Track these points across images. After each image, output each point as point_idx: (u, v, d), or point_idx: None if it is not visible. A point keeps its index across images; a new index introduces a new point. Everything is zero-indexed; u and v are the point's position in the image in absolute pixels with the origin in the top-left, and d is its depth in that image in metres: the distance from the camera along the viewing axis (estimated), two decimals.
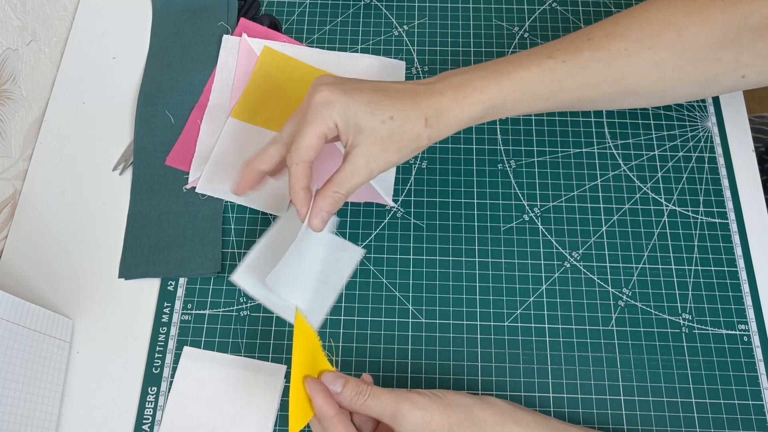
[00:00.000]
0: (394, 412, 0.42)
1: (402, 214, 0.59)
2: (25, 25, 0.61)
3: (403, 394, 0.42)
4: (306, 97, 0.47)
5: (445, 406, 0.42)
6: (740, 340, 0.54)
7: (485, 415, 0.43)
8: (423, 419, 0.42)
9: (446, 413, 0.42)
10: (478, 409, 0.43)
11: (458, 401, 0.43)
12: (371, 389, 0.43)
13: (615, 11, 0.67)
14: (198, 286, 0.56)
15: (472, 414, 0.43)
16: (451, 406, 0.43)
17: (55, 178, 0.61)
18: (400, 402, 0.42)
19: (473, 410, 0.43)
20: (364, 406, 0.42)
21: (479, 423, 0.43)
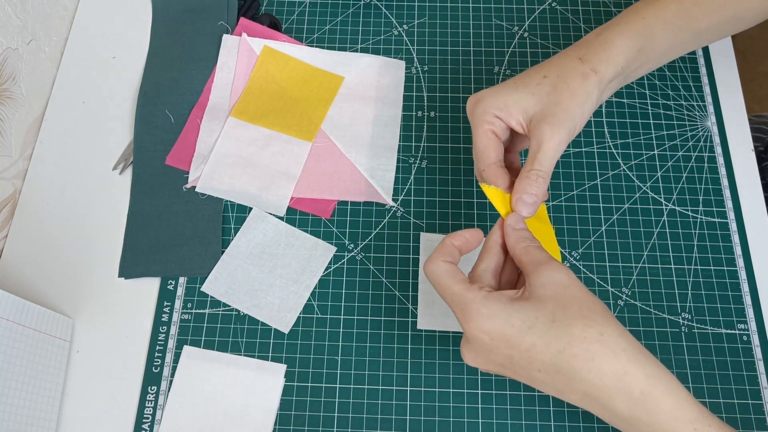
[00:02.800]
0: (540, 264, 0.41)
1: (402, 213, 0.59)
2: (25, 25, 0.61)
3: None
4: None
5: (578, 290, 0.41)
6: (740, 340, 0.54)
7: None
8: (562, 281, 0.40)
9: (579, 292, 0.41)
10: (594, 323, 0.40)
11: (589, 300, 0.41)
12: (536, 242, 0.43)
13: (615, 11, 0.67)
14: (198, 285, 0.56)
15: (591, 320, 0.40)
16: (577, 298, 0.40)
17: (55, 177, 0.61)
18: (551, 261, 0.42)
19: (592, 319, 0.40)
20: (525, 251, 0.43)
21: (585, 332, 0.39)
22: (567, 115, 0.45)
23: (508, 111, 0.47)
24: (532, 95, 0.46)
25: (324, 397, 0.52)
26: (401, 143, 0.62)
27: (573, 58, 0.47)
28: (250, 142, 0.60)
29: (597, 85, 0.46)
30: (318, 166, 0.60)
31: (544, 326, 0.39)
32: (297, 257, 0.57)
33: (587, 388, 0.39)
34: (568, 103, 0.46)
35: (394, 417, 0.52)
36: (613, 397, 0.38)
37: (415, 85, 0.64)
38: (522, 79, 0.48)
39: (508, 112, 0.47)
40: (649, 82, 0.64)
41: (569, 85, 0.46)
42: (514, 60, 0.65)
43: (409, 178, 0.60)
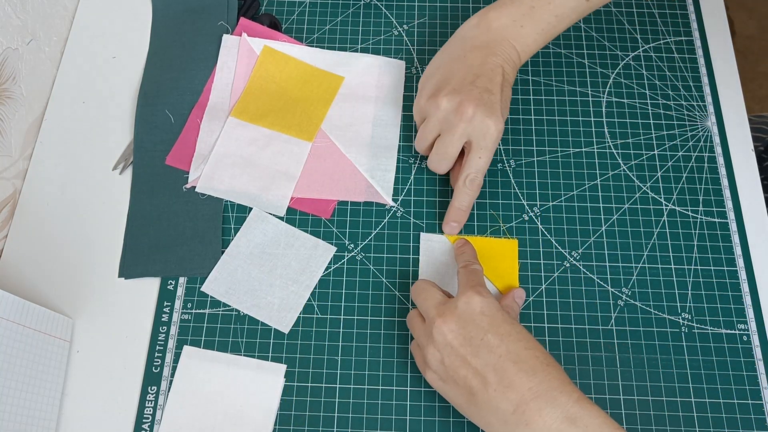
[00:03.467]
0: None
1: (402, 213, 0.59)
2: (25, 25, 0.61)
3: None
4: (469, 123, 0.52)
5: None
6: (739, 340, 0.54)
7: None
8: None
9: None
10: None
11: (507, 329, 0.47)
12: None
13: (615, 11, 0.67)
14: (198, 285, 0.56)
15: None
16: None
17: (55, 177, 0.61)
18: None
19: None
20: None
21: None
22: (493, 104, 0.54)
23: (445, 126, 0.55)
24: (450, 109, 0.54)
25: (324, 397, 0.52)
26: (401, 143, 0.62)
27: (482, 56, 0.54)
28: (250, 142, 0.60)
29: (512, 65, 0.55)
30: (318, 166, 0.60)
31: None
32: (297, 257, 0.57)
33: (534, 384, 0.43)
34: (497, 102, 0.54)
35: (394, 417, 0.52)
36: (554, 398, 0.43)
37: (415, 85, 0.64)
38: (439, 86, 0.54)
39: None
40: (649, 83, 0.64)
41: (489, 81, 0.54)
42: None
43: (409, 178, 0.60)
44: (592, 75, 0.65)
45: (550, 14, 0.54)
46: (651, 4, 0.68)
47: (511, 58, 0.54)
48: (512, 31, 0.54)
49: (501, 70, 0.53)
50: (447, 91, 0.53)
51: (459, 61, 0.54)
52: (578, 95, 0.64)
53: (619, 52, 0.66)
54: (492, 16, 0.55)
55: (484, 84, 0.52)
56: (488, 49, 0.54)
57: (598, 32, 0.67)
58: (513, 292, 0.53)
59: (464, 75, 0.53)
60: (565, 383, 0.44)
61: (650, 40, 0.66)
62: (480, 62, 0.53)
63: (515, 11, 0.54)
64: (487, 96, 0.52)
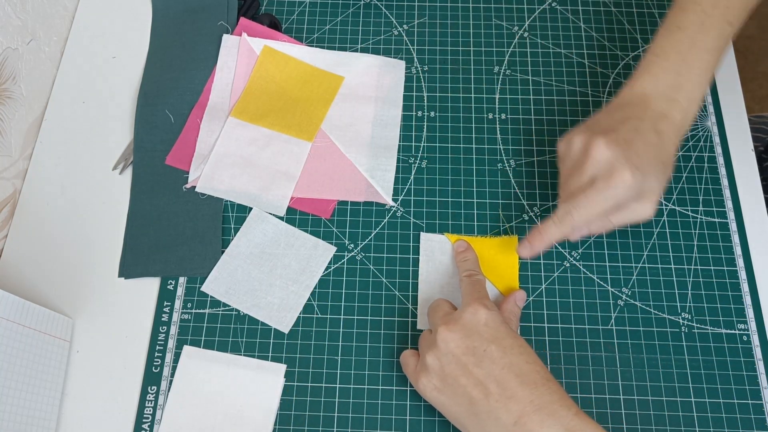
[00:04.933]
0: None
1: (402, 213, 0.59)
2: (25, 25, 0.61)
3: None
4: (593, 168, 0.48)
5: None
6: (739, 340, 0.54)
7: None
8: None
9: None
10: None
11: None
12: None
13: (615, 11, 0.67)
14: (198, 285, 0.56)
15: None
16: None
17: (55, 177, 0.61)
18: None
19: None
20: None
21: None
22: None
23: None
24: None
25: (324, 397, 0.52)
26: (401, 143, 0.62)
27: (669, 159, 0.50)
28: (250, 142, 0.60)
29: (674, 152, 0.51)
30: (318, 166, 0.60)
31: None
32: (297, 257, 0.57)
33: (536, 397, 0.44)
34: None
35: (394, 417, 0.52)
36: (555, 411, 0.43)
37: (415, 85, 0.64)
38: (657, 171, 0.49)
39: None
40: None
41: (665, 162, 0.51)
42: (514, 60, 0.65)
43: (409, 178, 0.60)
44: (592, 75, 0.65)
45: (701, 50, 0.51)
46: (651, 4, 0.68)
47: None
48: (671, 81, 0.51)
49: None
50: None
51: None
52: (578, 95, 0.64)
53: (619, 52, 0.66)
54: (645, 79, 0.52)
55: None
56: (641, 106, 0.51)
57: (598, 32, 0.67)
58: (514, 294, 0.53)
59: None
60: (564, 398, 0.44)
61: (650, 40, 0.66)
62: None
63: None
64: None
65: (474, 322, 0.47)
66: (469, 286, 0.51)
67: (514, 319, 0.51)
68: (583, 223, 0.49)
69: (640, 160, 0.47)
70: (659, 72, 0.51)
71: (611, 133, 0.48)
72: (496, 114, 0.63)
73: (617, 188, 0.47)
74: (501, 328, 0.47)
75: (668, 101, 0.50)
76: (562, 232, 0.49)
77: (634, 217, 0.50)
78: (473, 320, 0.47)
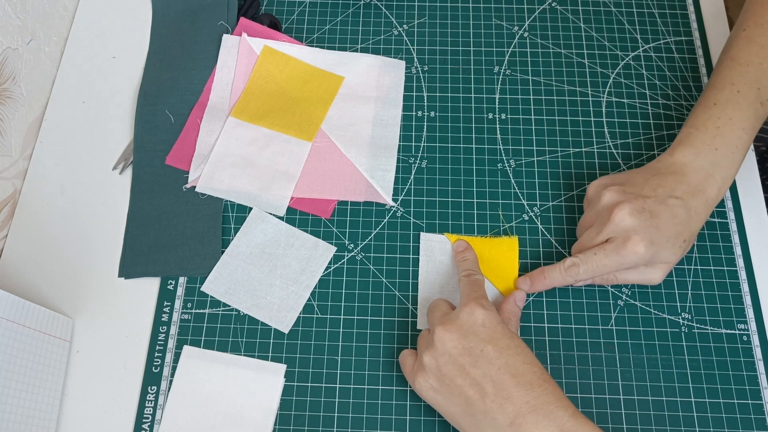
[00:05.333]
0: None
1: (402, 213, 0.59)
2: (25, 25, 0.61)
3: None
4: (612, 230, 0.50)
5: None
6: (739, 340, 0.54)
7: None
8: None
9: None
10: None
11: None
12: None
13: (615, 11, 0.67)
14: (198, 285, 0.56)
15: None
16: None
17: (55, 177, 0.61)
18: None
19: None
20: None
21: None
22: None
23: (648, 254, 0.51)
24: (674, 255, 0.52)
25: (324, 397, 0.52)
26: (401, 143, 0.62)
27: (699, 224, 0.52)
28: (250, 142, 0.60)
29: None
30: (318, 166, 0.60)
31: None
32: (297, 257, 0.57)
33: (532, 398, 0.44)
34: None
35: (394, 417, 0.52)
36: (551, 412, 0.43)
37: (415, 85, 0.64)
38: (677, 232, 0.51)
39: (647, 255, 0.51)
40: (649, 82, 0.64)
41: (690, 242, 0.53)
42: (514, 60, 0.65)
43: (409, 178, 0.60)
44: (592, 75, 0.65)
45: (736, 127, 0.52)
46: (651, 4, 0.68)
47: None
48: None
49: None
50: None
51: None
52: (578, 95, 0.64)
53: (619, 52, 0.66)
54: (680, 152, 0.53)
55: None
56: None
57: (598, 32, 0.67)
58: (514, 295, 0.53)
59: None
60: (560, 398, 0.44)
61: (650, 40, 0.66)
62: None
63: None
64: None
65: (471, 322, 0.47)
66: (467, 286, 0.51)
67: (513, 319, 0.51)
68: (587, 277, 0.52)
69: (659, 235, 0.49)
70: (699, 144, 0.52)
71: (641, 200, 0.50)
72: (496, 114, 0.63)
73: (627, 257, 0.49)
74: (498, 329, 0.47)
75: (706, 177, 0.51)
76: (565, 280, 0.52)
77: (641, 279, 0.52)
78: (470, 320, 0.47)
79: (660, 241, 0.49)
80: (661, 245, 0.50)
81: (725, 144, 0.52)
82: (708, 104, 0.54)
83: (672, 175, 0.51)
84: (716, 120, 0.52)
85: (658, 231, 0.49)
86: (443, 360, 0.46)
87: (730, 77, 0.54)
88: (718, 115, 0.52)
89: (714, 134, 0.52)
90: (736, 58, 0.54)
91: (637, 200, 0.50)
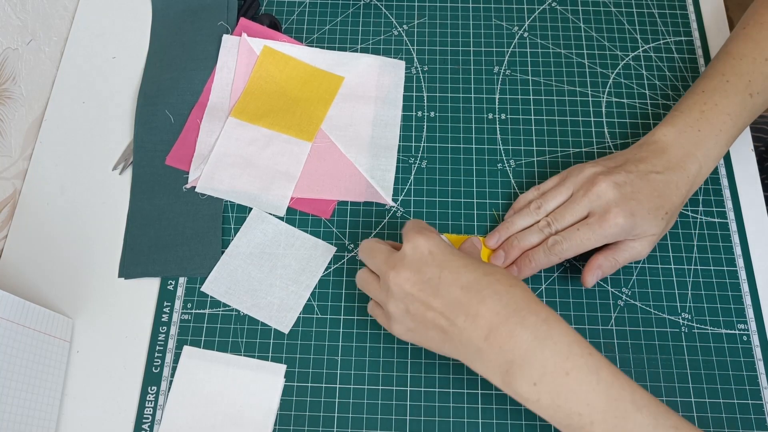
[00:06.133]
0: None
1: (402, 213, 0.59)
2: (25, 25, 0.61)
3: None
4: (592, 201, 0.51)
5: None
6: (739, 340, 0.54)
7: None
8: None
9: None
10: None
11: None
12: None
13: (615, 11, 0.67)
14: (198, 285, 0.56)
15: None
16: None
17: (55, 177, 0.61)
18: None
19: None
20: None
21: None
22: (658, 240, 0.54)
23: (633, 233, 0.51)
24: (655, 231, 0.52)
25: (324, 397, 0.52)
26: (401, 143, 0.62)
27: (681, 199, 0.52)
28: (250, 142, 0.60)
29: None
30: (318, 166, 0.60)
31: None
32: (297, 257, 0.57)
33: (501, 308, 0.43)
34: (665, 232, 0.54)
35: (394, 417, 0.52)
36: (523, 318, 0.43)
37: (415, 85, 0.64)
38: (657, 205, 0.51)
39: (632, 233, 0.51)
40: (649, 82, 0.64)
41: (672, 220, 0.53)
42: (514, 60, 0.65)
43: (409, 178, 0.60)
44: (592, 75, 0.65)
45: (722, 113, 0.53)
46: (651, 4, 0.68)
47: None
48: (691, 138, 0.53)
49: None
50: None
51: None
52: (578, 95, 0.64)
53: (619, 52, 0.66)
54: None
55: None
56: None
57: (598, 32, 0.67)
58: (470, 238, 0.53)
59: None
60: (531, 302, 0.44)
61: (650, 40, 0.66)
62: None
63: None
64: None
65: (418, 254, 0.46)
66: (409, 225, 0.49)
67: (475, 252, 0.52)
68: (571, 254, 0.51)
69: (640, 207, 0.50)
70: (681, 125, 0.53)
71: (622, 174, 0.51)
72: (496, 114, 0.63)
73: (608, 229, 0.50)
74: (447, 251, 0.46)
75: (686, 154, 0.52)
76: (550, 260, 0.51)
77: (630, 255, 0.52)
78: (416, 253, 0.46)
79: (641, 213, 0.50)
80: (642, 217, 0.50)
81: (708, 126, 0.53)
82: (696, 91, 0.55)
83: (653, 152, 0.53)
84: (701, 105, 0.54)
85: (639, 204, 0.50)
86: (407, 300, 0.46)
87: (721, 68, 0.55)
88: (704, 101, 0.54)
89: (698, 117, 0.53)
90: (731, 52, 0.56)
91: (618, 174, 0.51)
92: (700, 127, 0.53)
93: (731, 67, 0.55)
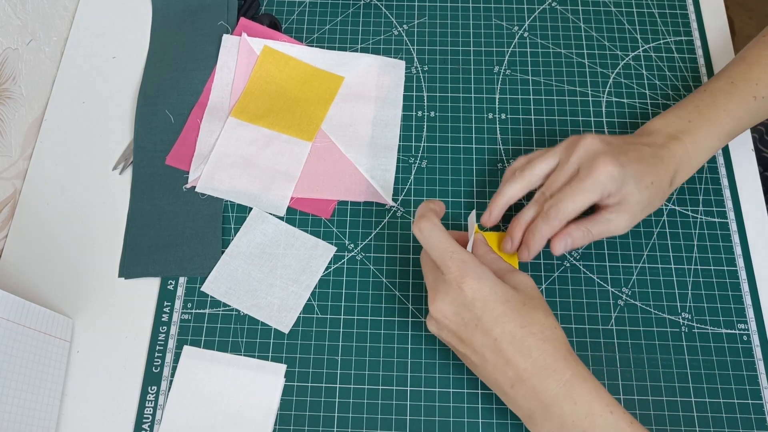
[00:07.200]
0: (508, 271, 0.49)
1: (402, 213, 0.59)
2: (25, 25, 0.61)
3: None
4: (579, 156, 0.50)
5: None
6: (740, 340, 0.54)
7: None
8: (529, 284, 0.48)
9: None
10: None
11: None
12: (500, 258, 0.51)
13: (615, 11, 0.67)
14: (198, 285, 0.56)
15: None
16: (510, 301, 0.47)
17: (55, 177, 0.61)
18: (516, 270, 0.49)
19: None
20: (493, 261, 0.51)
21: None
22: (638, 220, 0.53)
23: (617, 196, 0.51)
24: (638, 198, 0.51)
25: (324, 397, 0.52)
26: (401, 143, 0.62)
27: (668, 175, 0.52)
28: (250, 142, 0.60)
29: (669, 193, 0.53)
30: (318, 166, 0.60)
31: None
32: (297, 257, 0.57)
33: (529, 365, 0.44)
34: (647, 211, 0.53)
35: (394, 417, 0.52)
36: (548, 376, 0.44)
37: (415, 85, 0.64)
38: (642, 170, 0.51)
39: (616, 196, 0.51)
40: (649, 82, 0.64)
41: (656, 197, 0.52)
42: (514, 60, 0.65)
43: (409, 178, 0.60)
44: (592, 75, 0.65)
45: (719, 109, 0.54)
46: (651, 4, 0.68)
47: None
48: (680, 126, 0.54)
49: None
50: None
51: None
52: (578, 95, 0.64)
53: (619, 52, 0.66)
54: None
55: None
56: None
57: (598, 32, 0.67)
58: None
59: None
60: (559, 359, 0.45)
61: (650, 40, 0.66)
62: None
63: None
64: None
65: (460, 297, 0.46)
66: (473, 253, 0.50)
67: (493, 262, 0.51)
68: (572, 214, 0.50)
69: (628, 161, 0.50)
70: (672, 117, 0.54)
71: (608, 137, 0.52)
72: (496, 114, 0.63)
73: (598, 177, 0.49)
74: (489, 297, 0.46)
75: (671, 138, 0.53)
76: (551, 226, 0.51)
77: (607, 229, 0.51)
78: (459, 295, 0.46)
79: (629, 165, 0.50)
80: (629, 174, 0.49)
81: (700, 118, 0.53)
82: (699, 90, 0.56)
83: (640, 134, 0.54)
84: (699, 101, 0.54)
85: (627, 159, 0.50)
86: (444, 331, 0.48)
87: (730, 72, 0.56)
88: (703, 98, 0.55)
89: (691, 110, 0.54)
90: (746, 59, 0.56)
91: (605, 136, 0.52)
92: (691, 119, 0.53)
93: (740, 72, 0.55)
